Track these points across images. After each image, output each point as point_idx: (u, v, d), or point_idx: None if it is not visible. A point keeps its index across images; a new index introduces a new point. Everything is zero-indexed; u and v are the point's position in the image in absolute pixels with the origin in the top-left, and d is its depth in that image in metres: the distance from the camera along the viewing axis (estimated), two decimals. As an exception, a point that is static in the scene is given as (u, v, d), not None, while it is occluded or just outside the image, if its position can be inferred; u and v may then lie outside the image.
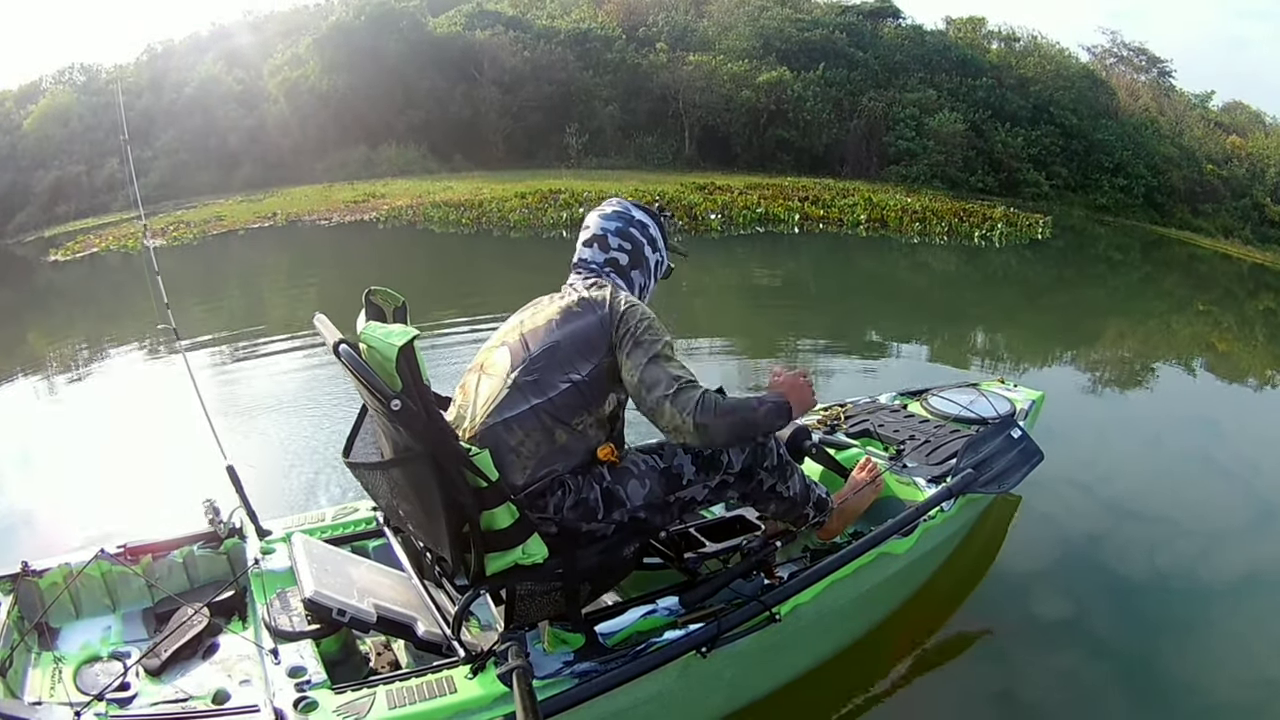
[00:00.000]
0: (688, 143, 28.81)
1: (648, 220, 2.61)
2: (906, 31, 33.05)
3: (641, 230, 2.58)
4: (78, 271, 14.77)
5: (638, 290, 2.58)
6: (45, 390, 7.01)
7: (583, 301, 2.34)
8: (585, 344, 2.27)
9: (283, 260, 14.70)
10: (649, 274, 2.62)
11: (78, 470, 4.89)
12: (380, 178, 23.95)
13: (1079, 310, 10.76)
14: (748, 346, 7.63)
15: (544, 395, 2.21)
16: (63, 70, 31.47)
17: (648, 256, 2.59)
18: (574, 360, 2.25)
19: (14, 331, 9.84)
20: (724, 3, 34.08)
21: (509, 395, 2.23)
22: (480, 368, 2.39)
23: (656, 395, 2.18)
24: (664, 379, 2.18)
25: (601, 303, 2.33)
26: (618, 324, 2.28)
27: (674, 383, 2.18)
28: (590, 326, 2.29)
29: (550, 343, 2.27)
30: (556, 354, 2.26)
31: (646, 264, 2.59)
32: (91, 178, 26.15)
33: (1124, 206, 27.89)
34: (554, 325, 2.31)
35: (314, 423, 5.36)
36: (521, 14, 31.46)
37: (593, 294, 2.37)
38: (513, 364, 2.29)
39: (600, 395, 2.28)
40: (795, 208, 17.87)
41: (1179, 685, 2.97)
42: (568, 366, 2.24)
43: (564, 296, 2.42)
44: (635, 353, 2.23)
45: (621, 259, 2.55)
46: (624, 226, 2.57)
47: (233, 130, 27.01)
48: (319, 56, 27.87)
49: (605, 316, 2.29)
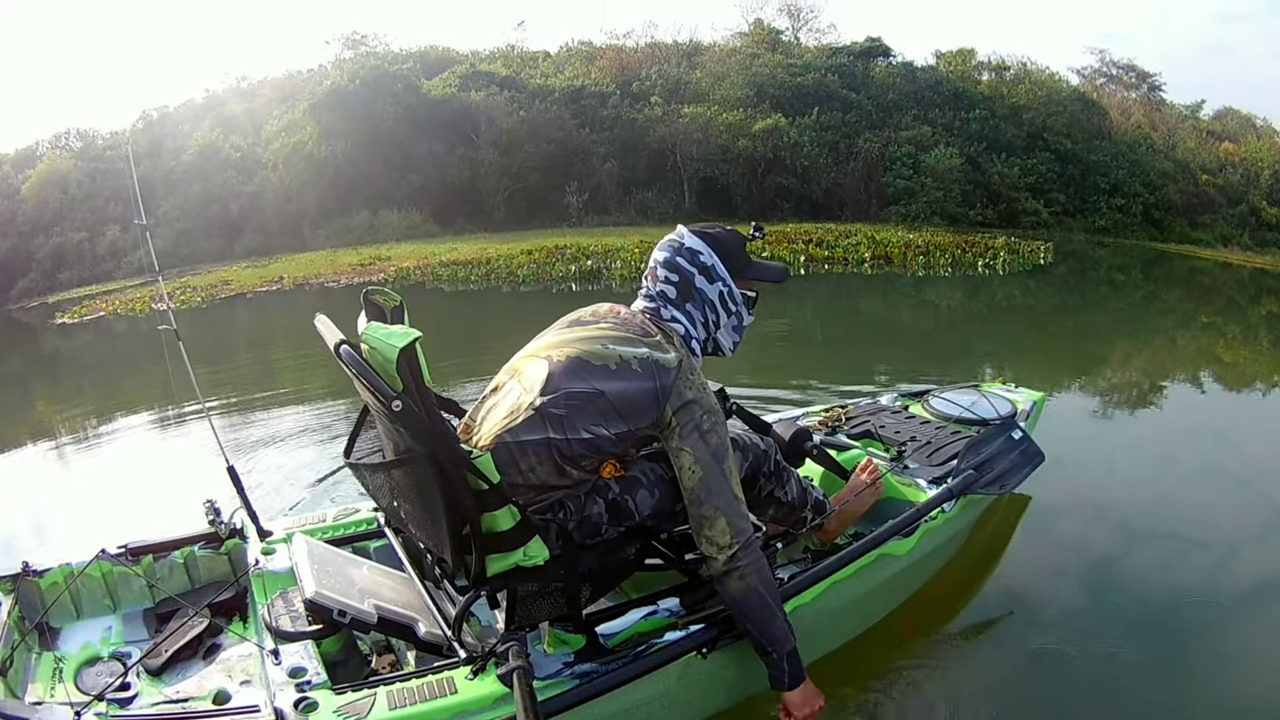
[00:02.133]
0: (687, 195, 28.94)
1: (701, 247, 2.41)
2: (898, 69, 33.30)
3: (690, 259, 2.40)
4: (84, 334, 14.91)
5: (699, 324, 2.42)
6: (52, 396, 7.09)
7: (647, 363, 2.20)
8: (631, 409, 2.18)
9: (294, 321, 14.78)
10: (709, 306, 2.42)
11: (78, 471, 4.92)
12: (383, 242, 24.15)
13: (1084, 334, 10.71)
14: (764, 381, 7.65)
15: (564, 435, 2.14)
16: (59, 135, 32.35)
17: (701, 287, 2.39)
18: (610, 417, 2.17)
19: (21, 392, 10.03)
20: (715, 53, 34.57)
21: (530, 419, 2.15)
22: (515, 372, 2.33)
23: (716, 504, 2.18)
24: (729, 494, 2.19)
25: (667, 372, 2.20)
26: (679, 408, 2.19)
27: (737, 502, 2.20)
28: (645, 394, 2.18)
29: (594, 389, 2.16)
30: (596, 403, 2.16)
31: (701, 296, 2.40)
32: (94, 244, 26.61)
33: (1123, 226, 27.87)
34: (609, 371, 2.19)
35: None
36: (515, 74, 31.93)
37: (660, 357, 2.22)
38: (545, 386, 2.18)
39: (619, 452, 2.26)
40: (800, 249, 17.97)
41: (1182, 687, 2.94)
42: (601, 421, 2.16)
43: (628, 330, 2.30)
44: (699, 445, 2.19)
45: (670, 292, 2.40)
46: (671, 256, 2.41)
47: (233, 198, 27.35)
48: (315, 122, 28.22)
49: (665, 390, 2.19)
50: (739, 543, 2.16)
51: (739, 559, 2.16)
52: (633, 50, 35.94)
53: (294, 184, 27.35)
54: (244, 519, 2.79)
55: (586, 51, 36.23)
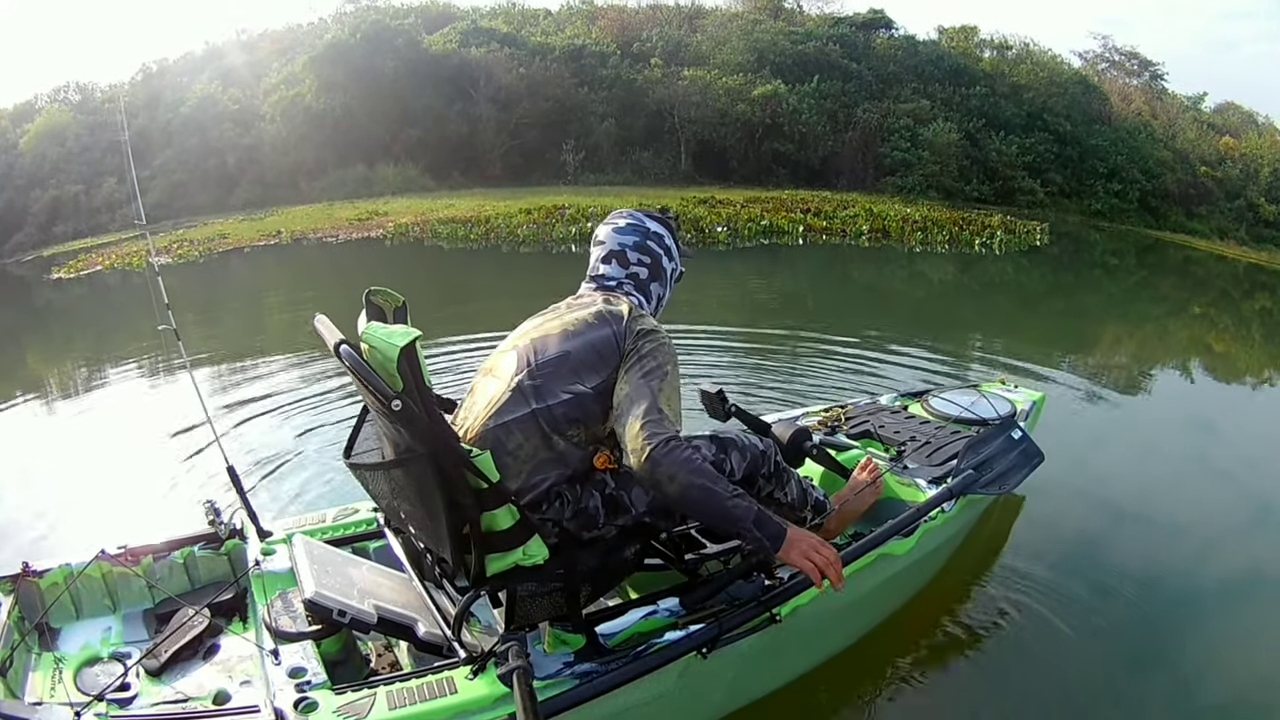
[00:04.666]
0: (684, 157, 28.91)
1: (663, 231, 2.59)
2: (899, 42, 33.18)
3: (658, 242, 2.57)
4: (79, 289, 14.78)
5: (655, 301, 2.57)
6: (52, 393, 7.09)
7: (600, 314, 2.31)
8: (597, 356, 2.24)
9: (293, 277, 14.73)
10: (667, 284, 2.61)
11: (78, 471, 4.90)
12: (379, 196, 24.02)
13: (1078, 315, 10.79)
14: (759, 350, 7.66)
15: (545, 402, 2.19)
16: (58, 89, 32.03)
17: (665, 267, 2.58)
18: (582, 372, 2.22)
19: (18, 346, 10.01)
20: (717, 17, 34.39)
21: (510, 398, 2.22)
22: (489, 370, 2.38)
23: (635, 412, 2.11)
24: (649, 403, 2.12)
25: (620, 317, 2.30)
26: (630, 347, 2.24)
27: (657, 413, 2.10)
28: (605, 340, 2.26)
29: (561, 351, 2.25)
30: (566, 362, 2.23)
31: (665, 275, 2.58)
32: (89, 197, 26.37)
33: (1119, 211, 27.97)
34: (568, 334, 2.29)
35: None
36: (516, 31, 31.68)
37: (612, 307, 2.34)
38: (519, 367, 2.27)
39: (602, 412, 2.23)
40: (798, 219, 17.97)
41: (1181, 686, 2.96)
42: (575, 377, 2.22)
43: (582, 306, 2.40)
44: (634, 370, 2.19)
45: (641, 273, 2.54)
46: (641, 240, 2.55)
47: (230, 150, 27.16)
48: (315, 75, 27.98)
49: (621, 332, 2.27)
50: (650, 445, 2.04)
51: (658, 462, 2.04)
52: (634, 11, 35.85)
53: (292, 136, 27.16)
54: (244, 519, 2.78)
55: (588, 11, 35.98)
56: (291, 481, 4.55)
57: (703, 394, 3.11)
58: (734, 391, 3.60)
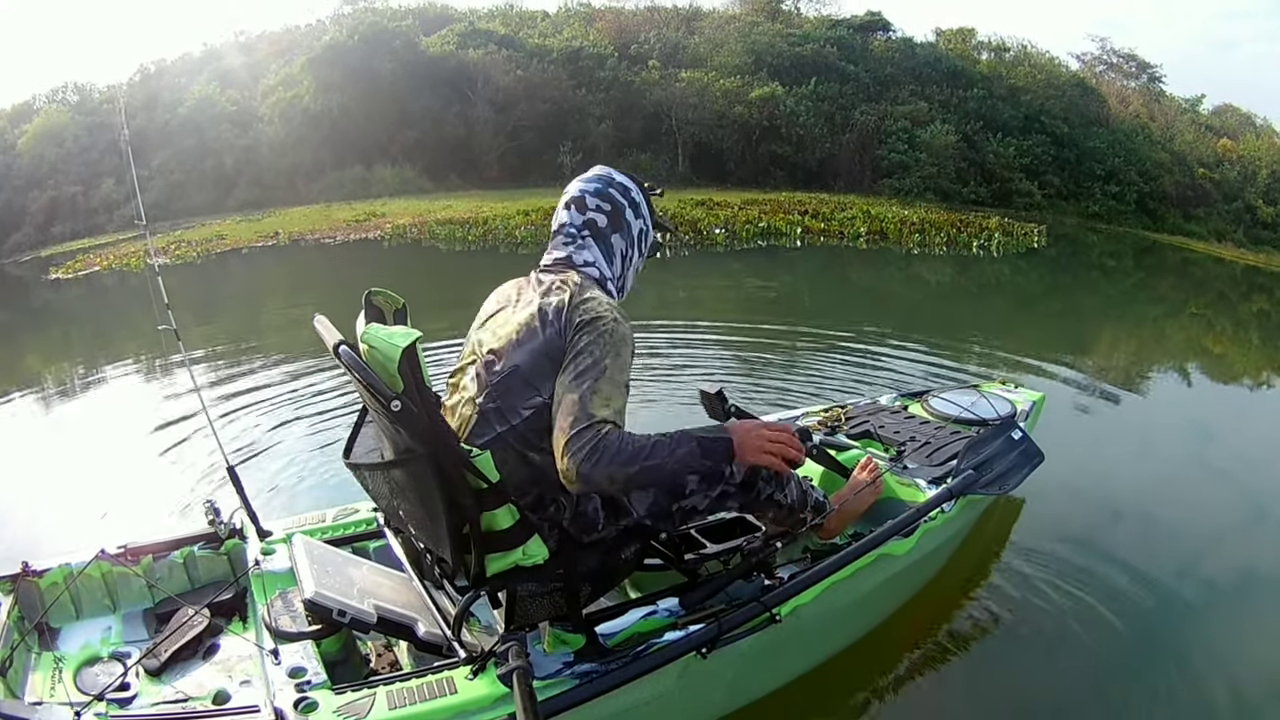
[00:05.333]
0: (681, 159, 28.91)
1: (629, 184, 2.49)
2: (897, 44, 33.26)
3: (623, 192, 2.45)
4: (77, 290, 14.76)
5: (619, 258, 2.45)
6: (51, 393, 7.09)
7: (541, 314, 2.19)
8: (548, 362, 2.14)
9: (292, 278, 14.72)
10: (631, 241, 2.47)
11: (78, 471, 4.90)
12: (376, 198, 24.02)
13: (1076, 317, 10.80)
14: (758, 350, 7.66)
15: (509, 423, 2.15)
16: (56, 89, 32.03)
17: (629, 220, 2.45)
18: (536, 382, 2.14)
19: (17, 345, 10.04)
20: (715, 19, 34.45)
21: (479, 421, 2.18)
22: (456, 387, 2.34)
23: (558, 425, 1.99)
24: (574, 413, 1.98)
25: (560, 310, 2.17)
26: (572, 334, 2.13)
27: (583, 418, 1.97)
28: (549, 344, 2.15)
29: (511, 366, 2.17)
30: (518, 377, 2.16)
31: (628, 228, 2.45)
32: (87, 198, 26.37)
33: (1116, 213, 28.00)
34: (515, 343, 2.19)
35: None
36: (514, 33, 31.71)
37: (551, 300, 2.20)
38: (479, 388, 2.22)
39: None
40: (796, 221, 18.01)
41: (1182, 686, 2.95)
42: (531, 390, 2.14)
43: (528, 301, 2.28)
44: (567, 371, 2.08)
45: (599, 220, 2.41)
46: (603, 188, 2.44)
47: (227, 151, 27.16)
48: (313, 76, 27.98)
49: (562, 329, 2.15)
50: (574, 464, 1.93)
51: (589, 478, 1.94)
52: (631, 14, 35.89)
53: (289, 138, 27.16)
54: (244, 519, 2.77)
55: (585, 13, 36.06)
56: (291, 481, 4.55)
57: (703, 394, 3.10)
58: (734, 392, 3.59)
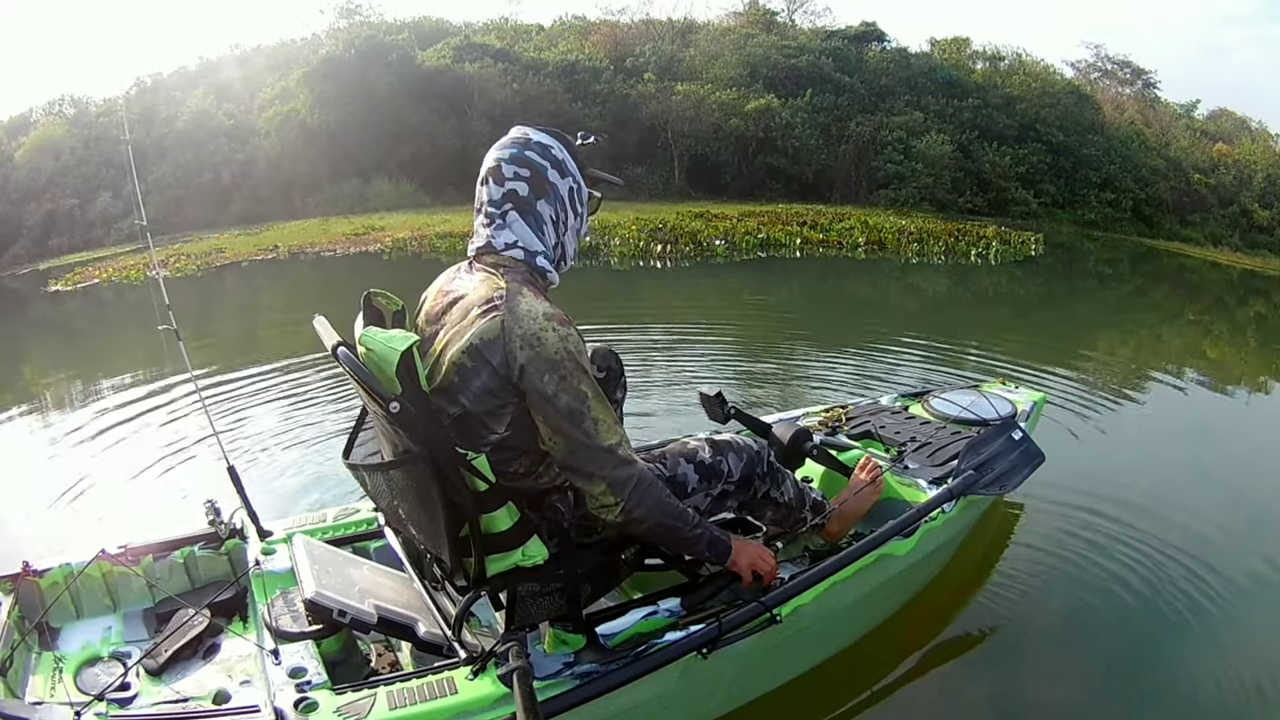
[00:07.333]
0: (677, 172, 28.95)
1: (549, 141, 2.28)
2: (892, 55, 33.32)
3: (542, 152, 2.25)
4: (77, 302, 14.75)
5: (550, 225, 2.28)
6: (52, 394, 7.16)
7: (474, 351, 2.03)
8: (493, 400, 2.05)
9: (293, 290, 14.67)
10: (560, 204, 2.28)
11: (78, 471, 4.89)
12: (373, 211, 23.97)
13: (1074, 324, 10.83)
14: (758, 355, 7.68)
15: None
16: (52, 102, 31.80)
17: (554, 181, 2.25)
18: (487, 424, 2.07)
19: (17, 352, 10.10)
20: (710, 32, 34.51)
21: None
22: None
23: (588, 469, 2.05)
24: (596, 450, 2.03)
25: (494, 346, 2.01)
26: (519, 379, 2.01)
27: (609, 455, 2.04)
28: (489, 385, 2.04)
29: (460, 410, 2.07)
30: (469, 419, 2.07)
31: (555, 191, 2.26)
32: (85, 211, 26.27)
33: (1112, 221, 28.10)
34: (455, 385, 2.06)
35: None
36: (509, 46, 31.71)
37: (484, 333, 2.03)
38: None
39: (529, 439, 2.11)
40: (795, 232, 18.01)
41: (1180, 690, 2.95)
42: (484, 429, 2.07)
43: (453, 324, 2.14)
44: (550, 416, 2.03)
45: (520, 189, 2.22)
46: (519, 152, 2.23)
47: (224, 165, 27.05)
48: (309, 90, 27.92)
49: (500, 367, 2.02)
50: (623, 496, 2.05)
51: (632, 511, 2.07)
52: (627, 26, 35.91)
53: (286, 151, 27.09)
54: (244, 519, 2.77)
55: (581, 26, 36.15)
56: (292, 481, 4.55)
57: (702, 396, 3.12)
58: (733, 393, 3.59)
